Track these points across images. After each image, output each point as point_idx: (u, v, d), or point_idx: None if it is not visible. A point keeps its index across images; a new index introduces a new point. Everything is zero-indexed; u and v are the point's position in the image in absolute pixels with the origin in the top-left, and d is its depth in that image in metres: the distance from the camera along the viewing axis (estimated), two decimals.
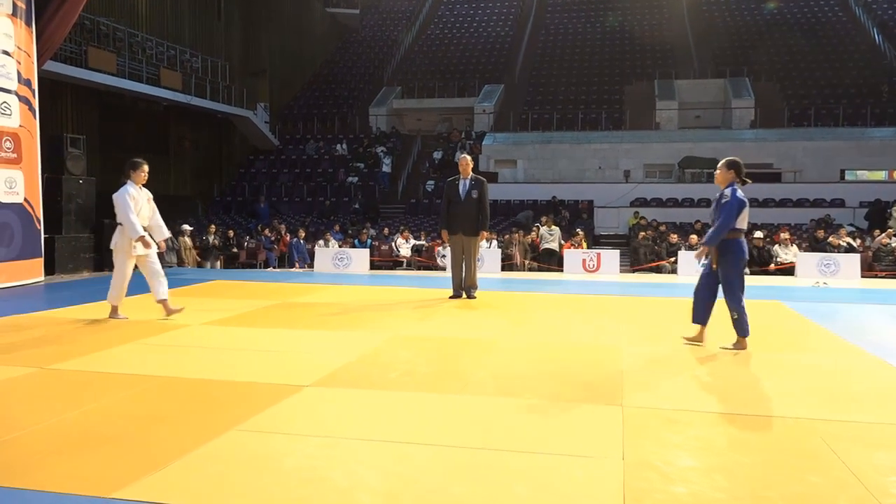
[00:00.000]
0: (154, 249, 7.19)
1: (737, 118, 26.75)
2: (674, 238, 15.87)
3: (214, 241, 16.61)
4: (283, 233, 18.31)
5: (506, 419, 3.93)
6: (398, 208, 24.69)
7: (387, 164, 26.31)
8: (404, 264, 16.79)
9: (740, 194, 5.70)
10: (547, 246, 15.77)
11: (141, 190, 7.09)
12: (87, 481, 3.07)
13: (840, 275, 13.52)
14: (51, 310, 7.85)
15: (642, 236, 16.21)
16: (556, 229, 16.20)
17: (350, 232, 19.09)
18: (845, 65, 28.67)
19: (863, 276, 13.74)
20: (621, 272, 14.84)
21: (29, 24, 11.06)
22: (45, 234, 11.36)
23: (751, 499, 2.94)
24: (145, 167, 7.09)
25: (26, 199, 10.88)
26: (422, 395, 4.40)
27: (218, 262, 16.70)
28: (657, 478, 3.13)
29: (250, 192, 26.06)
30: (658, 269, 15.22)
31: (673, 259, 14.95)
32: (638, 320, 7.47)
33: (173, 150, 26.38)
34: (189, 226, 16.96)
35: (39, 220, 11.19)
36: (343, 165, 26.94)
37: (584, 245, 15.87)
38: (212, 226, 17.55)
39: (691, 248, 15.11)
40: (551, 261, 15.61)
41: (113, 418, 3.91)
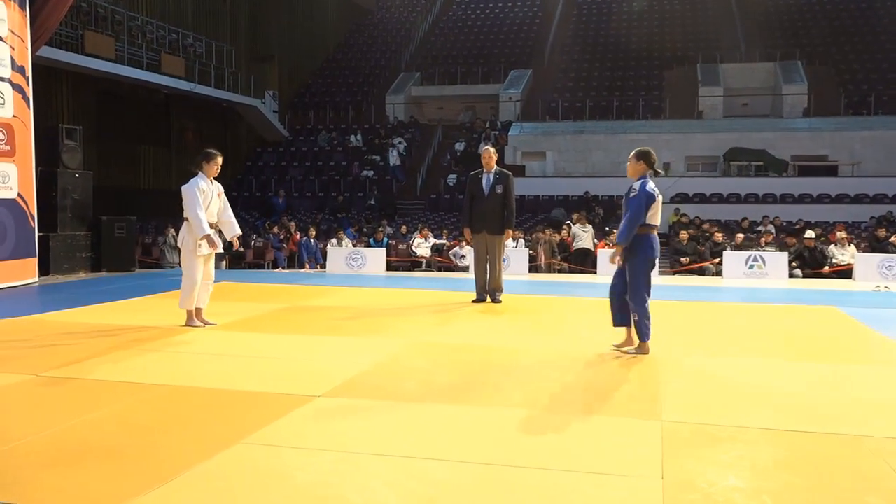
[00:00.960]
0: (218, 250, 7.20)
1: (788, 106, 26.47)
2: (718, 237, 15.75)
3: None
4: (293, 231, 18.42)
5: (534, 434, 3.93)
6: (417, 204, 24.74)
7: (394, 156, 26.33)
8: (423, 265, 16.82)
9: (650, 187, 5.77)
10: (580, 245, 15.72)
11: (212, 183, 7.09)
12: (84, 497, 3.11)
13: None
14: (46, 313, 7.97)
15: (684, 235, 16.10)
16: (589, 227, 16.15)
17: (365, 230, 19.17)
18: None
19: None
20: (661, 274, 14.75)
21: (23, 6, 11.20)
22: (38, 231, 11.49)
23: None
24: (219, 159, 7.07)
25: (20, 195, 11.01)
26: (442, 407, 4.41)
27: (223, 263, 16.84)
28: (700, 499, 3.11)
29: (257, 186, 26.25)
30: (701, 272, 15.11)
31: (717, 260, 14.84)
32: (678, 327, 7.42)
33: (175, 142, 26.64)
34: None
35: (33, 217, 11.33)
36: (357, 158, 27.05)
37: None
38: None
39: (737, 247, 14.99)
40: (585, 262, 15.55)
41: (112, 429, 3.96)
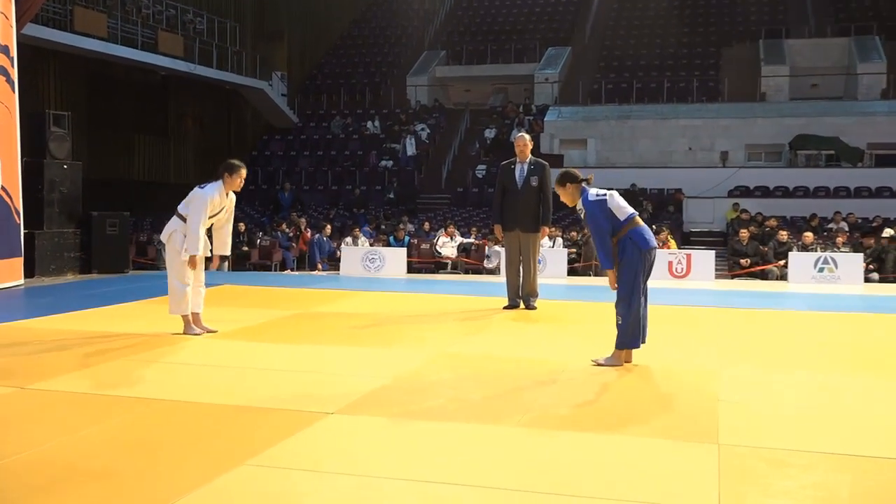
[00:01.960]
0: (201, 265, 7.44)
1: (864, 87, 26.12)
2: (783, 235, 15.59)
3: None
4: (304, 228, 18.52)
5: (575, 458, 3.91)
6: (442, 198, 24.76)
7: (411, 144, 26.35)
8: (449, 267, 16.82)
9: (593, 195, 5.88)
10: None
11: (227, 196, 7.17)
12: None
13: None
14: (31, 319, 8.06)
15: (744, 234, 15.96)
16: None
17: (383, 227, 19.22)
18: None
19: None
20: (717, 278, 14.63)
21: None
22: (24, 229, 11.60)
23: None
24: (243, 173, 7.13)
25: (3, 188, 11.12)
26: (471, 426, 4.39)
27: (225, 264, 16.95)
28: None
29: (264, 178, 26.42)
30: (763, 275, 14.97)
31: (782, 262, 14.69)
32: (737, 338, 7.36)
33: (173, 130, 26.89)
34: None
35: (19, 213, 11.44)
36: (375, 147, 27.13)
37: (672, 244, 15.68)
38: None
39: (805, 248, 14.83)
40: None
41: (104, 449, 4.00)
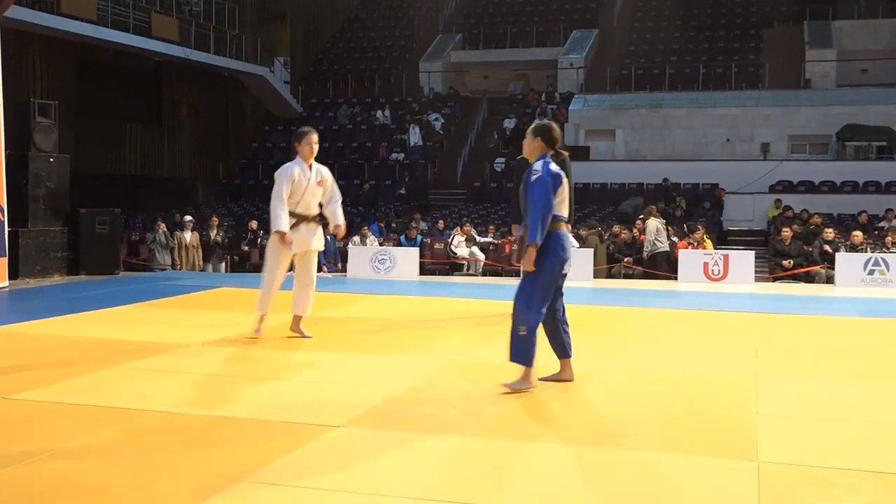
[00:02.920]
0: (314, 253, 7.32)
1: None
2: (830, 234, 15.49)
3: (217, 238, 16.92)
4: None
5: (599, 475, 3.91)
6: (457, 194, 24.75)
7: (416, 134, 26.33)
8: (465, 268, 16.82)
9: (554, 168, 5.42)
10: (659, 248, 15.53)
11: (310, 168, 7.16)
12: None
13: None
14: (15, 324, 8.12)
15: (787, 233, 15.87)
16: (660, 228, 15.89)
17: (394, 225, 19.22)
18: None
19: None
20: (757, 280, 14.57)
21: None
22: (7, 227, 11.69)
23: None
24: (313, 137, 7.13)
25: None
26: (488, 441, 4.40)
27: (222, 265, 17.01)
28: None
29: (265, 172, 26.49)
30: (808, 277, 14.88)
31: (829, 263, 14.59)
32: (779, 346, 7.33)
33: (167, 120, 27.00)
34: (190, 216, 17.31)
35: (2, 210, 11.53)
36: (385, 138, 27.16)
37: (708, 244, 15.61)
38: (214, 217, 17.88)
39: (854, 248, 14.74)
40: (659, 264, 15.43)
41: (94, 463, 4.02)
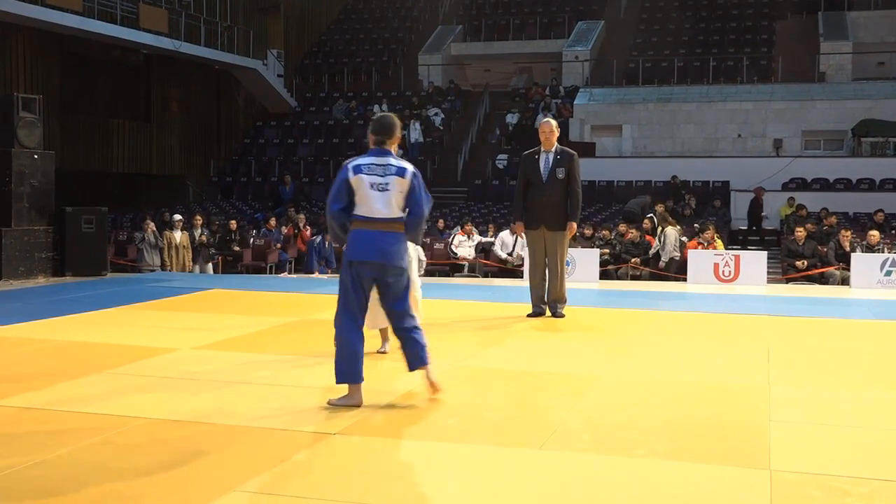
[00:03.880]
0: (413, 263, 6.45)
1: None
2: (846, 234, 15.49)
3: (202, 237, 16.84)
4: (303, 226, 18.55)
5: (607, 484, 3.91)
6: (458, 192, 24.77)
7: (416, 130, 26.34)
8: (466, 269, 16.83)
9: (357, 161, 5.15)
10: (674, 257, 15.52)
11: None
12: None
13: None
14: None
15: (800, 232, 15.88)
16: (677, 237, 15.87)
17: None
18: None
19: None
20: (769, 282, 14.56)
21: None
22: None
23: None
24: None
25: None
26: (491, 449, 4.40)
27: (209, 266, 16.99)
28: None
29: (258, 169, 26.53)
30: (823, 279, 14.88)
31: (844, 264, 14.59)
32: (792, 350, 7.33)
33: (156, 115, 27.01)
34: (179, 215, 17.32)
35: None
36: None
37: (718, 244, 15.61)
38: (197, 216, 17.84)
39: (870, 248, 14.74)
40: (670, 266, 15.44)
41: (78, 472, 4.02)
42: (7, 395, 5.39)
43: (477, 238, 17.39)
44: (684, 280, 14.66)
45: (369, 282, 5.17)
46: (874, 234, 15.16)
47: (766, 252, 15.10)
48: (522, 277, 13.70)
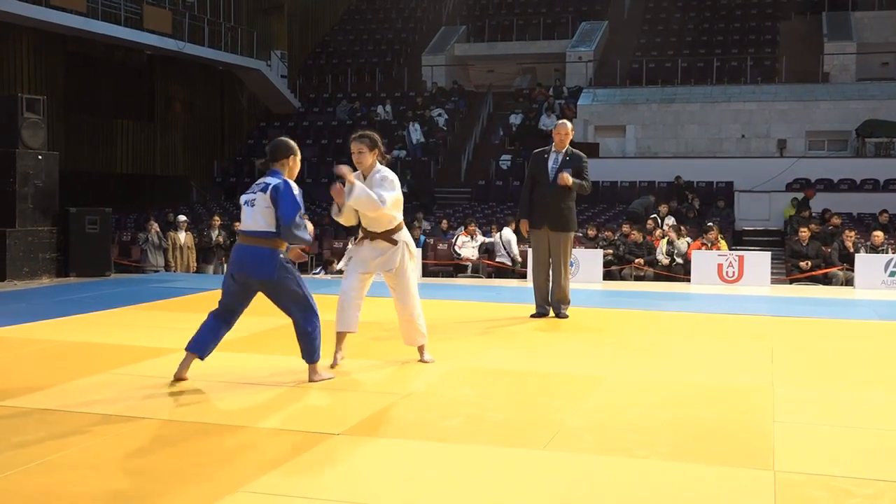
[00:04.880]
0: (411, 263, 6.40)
1: None
2: (850, 235, 15.48)
3: (219, 238, 16.90)
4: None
5: (610, 485, 3.91)
6: (461, 193, 24.76)
7: (416, 131, 26.35)
8: (469, 269, 16.82)
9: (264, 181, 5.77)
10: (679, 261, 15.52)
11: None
12: None
13: None
14: (1, 327, 8.12)
15: (804, 233, 15.87)
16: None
17: None
18: None
19: None
20: (773, 283, 14.56)
21: None
22: None
23: None
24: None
25: None
26: (493, 449, 4.40)
27: (210, 267, 16.97)
28: None
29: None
30: (826, 279, 14.87)
31: (848, 265, 14.57)
32: (796, 351, 7.33)
33: (160, 116, 27.05)
34: (183, 216, 17.33)
35: None
36: (386, 134, 27.13)
37: (722, 245, 15.61)
38: (216, 217, 17.88)
39: (874, 249, 14.73)
40: (673, 267, 15.44)
41: (83, 473, 4.03)
42: (11, 396, 5.40)
43: (480, 239, 17.38)
44: (688, 280, 14.67)
45: (240, 287, 5.80)
46: (878, 235, 15.15)
47: (769, 253, 15.09)
48: (526, 278, 13.72)
